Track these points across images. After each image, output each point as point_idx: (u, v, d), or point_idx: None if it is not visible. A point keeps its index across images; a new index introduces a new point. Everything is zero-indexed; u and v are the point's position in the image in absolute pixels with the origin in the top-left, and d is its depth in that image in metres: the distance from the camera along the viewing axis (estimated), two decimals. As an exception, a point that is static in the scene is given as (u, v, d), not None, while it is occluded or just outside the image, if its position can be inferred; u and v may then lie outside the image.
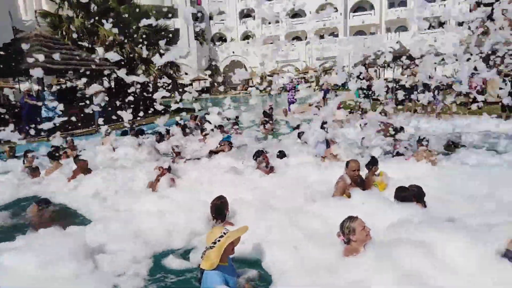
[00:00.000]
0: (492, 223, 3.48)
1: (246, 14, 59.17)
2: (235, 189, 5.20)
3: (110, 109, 12.92)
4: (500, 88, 10.55)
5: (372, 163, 5.49)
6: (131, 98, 11.77)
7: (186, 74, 25.49)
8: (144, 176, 6.32)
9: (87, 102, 10.65)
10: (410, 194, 4.24)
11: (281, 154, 7.14)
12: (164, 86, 10.43)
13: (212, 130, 9.39)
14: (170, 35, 23.47)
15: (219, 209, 4.34)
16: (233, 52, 52.11)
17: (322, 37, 45.42)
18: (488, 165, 6.07)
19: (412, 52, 16.84)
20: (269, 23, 57.62)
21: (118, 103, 15.04)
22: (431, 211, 4.16)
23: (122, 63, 15.49)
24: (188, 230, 4.30)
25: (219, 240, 2.99)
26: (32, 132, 10.12)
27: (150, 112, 15.54)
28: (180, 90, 20.26)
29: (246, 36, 58.51)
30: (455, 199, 4.65)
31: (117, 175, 6.62)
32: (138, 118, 14.41)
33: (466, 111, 9.72)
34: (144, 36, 21.10)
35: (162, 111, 9.32)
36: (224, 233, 3.06)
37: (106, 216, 4.99)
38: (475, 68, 8.61)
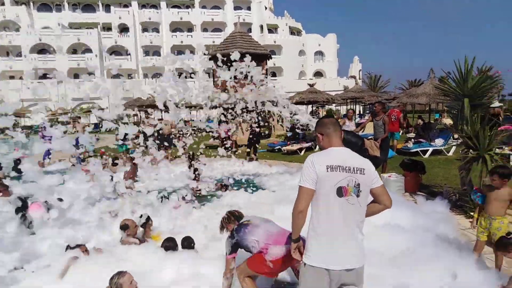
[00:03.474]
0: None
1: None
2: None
3: None
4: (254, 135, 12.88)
5: (147, 220, 5.55)
6: None
7: None
8: None
9: None
10: (175, 244, 4.70)
11: None
12: None
13: None
14: None
15: None
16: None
17: (77, 76, 42.89)
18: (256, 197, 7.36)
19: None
20: (8, 54, 49.71)
21: None
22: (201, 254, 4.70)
23: None
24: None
25: None
26: None
27: None
28: None
29: (-25, 68, 48.10)
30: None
31: None
32: None
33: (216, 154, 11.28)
34: None
35: None
36: None
37: None
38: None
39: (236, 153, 12.60)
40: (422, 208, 6.20)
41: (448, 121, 21.82)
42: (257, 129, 13.34)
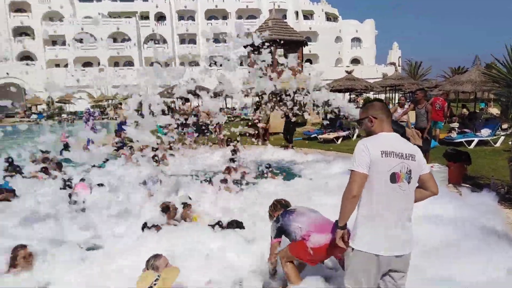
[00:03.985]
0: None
1: (21, 32, 51.55)
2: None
3: None
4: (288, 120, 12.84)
5: (187, 203, 5.82)
6: None
7: None
8: None
9: None
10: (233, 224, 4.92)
11: None
12: None
13: None
14: None
15: None
16: (8, 74, 44.26)
17: (116, 64, 44.33)
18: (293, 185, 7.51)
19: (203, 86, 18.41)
20: (54, 44, 52.08)
21: None
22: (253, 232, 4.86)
23: None
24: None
25: (155, 284, 3.05)
26: None
27: None
28: None
29: (24, 57, 50.79)
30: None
31: None
32: None
33: (255, 143, 11.36)
34: None
35: None
36: (158, 276, 3.14)
37: None
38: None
39: (267, 141, 12.64)
40: (467, 200, 5.92)
41: (494, 110, 20.67)
42: (293, 117, 13.19)
